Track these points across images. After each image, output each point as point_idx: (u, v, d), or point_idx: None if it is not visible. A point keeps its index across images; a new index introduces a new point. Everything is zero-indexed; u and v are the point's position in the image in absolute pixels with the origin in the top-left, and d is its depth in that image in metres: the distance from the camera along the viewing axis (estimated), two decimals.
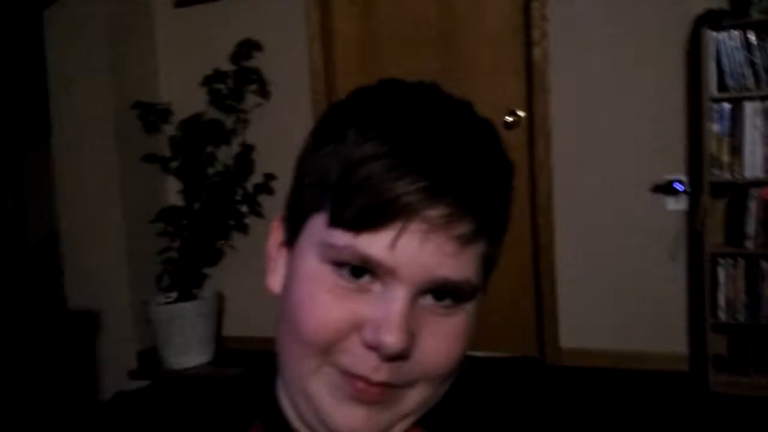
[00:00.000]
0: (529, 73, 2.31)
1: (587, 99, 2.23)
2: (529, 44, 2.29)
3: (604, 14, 2.20)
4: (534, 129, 2.29)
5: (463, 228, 0.44)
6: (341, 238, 0.44)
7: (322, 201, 0.45)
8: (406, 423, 0.48)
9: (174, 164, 2.67)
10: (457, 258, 0.44)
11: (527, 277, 2.39)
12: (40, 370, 2.58)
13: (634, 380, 2.24)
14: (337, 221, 0.44)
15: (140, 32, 2.74)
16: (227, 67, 2.60)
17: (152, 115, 2.67)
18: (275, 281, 0.51)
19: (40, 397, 2.43)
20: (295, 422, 0.51)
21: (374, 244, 0.43)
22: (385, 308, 0.43)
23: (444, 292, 0.45)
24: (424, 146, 0.43)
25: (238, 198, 2.67)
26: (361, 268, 0.44)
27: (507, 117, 2.34)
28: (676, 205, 2.21)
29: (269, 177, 2.62)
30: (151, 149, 2.64)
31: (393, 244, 0.43)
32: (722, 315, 2.13)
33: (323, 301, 0.45)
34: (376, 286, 0.44)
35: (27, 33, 2.81)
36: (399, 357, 0.44)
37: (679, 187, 2.20)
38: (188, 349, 2.53)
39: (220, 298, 2.74)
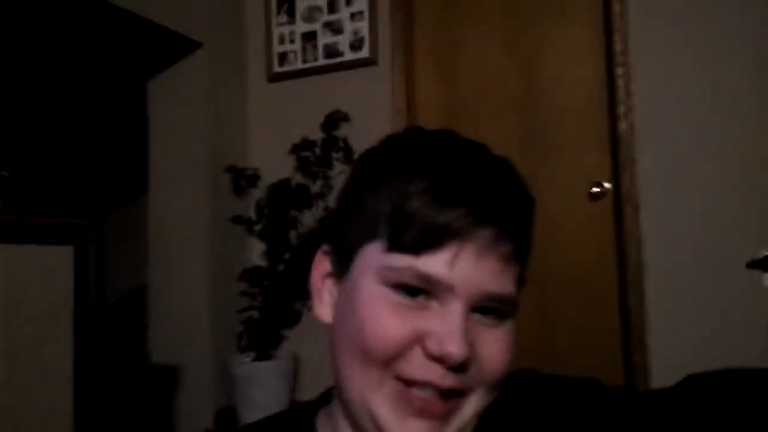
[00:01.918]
0: (614, 145, 2.33)
1: (676, 171, 2.23)
2: (613, 118, 2.33)
3: (693, 83, 2.23)
4: (621, 201, 2.29)
5: (506, 248, 0.50)
6: (401, 260, 0.49)
7: (376, 231, 0.51)
8: None
9: (258, 227, 2.77)
10: (501, 275, 0.50)
11: (617, 357, 2.31)
12: (120, 423, 2.62)
13: None
14: (396, 246, 0.49)
15: (235, 103, 2.92)
16: (315, 136, 2.73)
17: (242, 179, 2.80)
18: (323, 310, 0.57)
19: None
20: None
21: (433, 264, 0.48)
22: (447, 322, 0.48)
23: (489, 308, 0.50)
24: (463, 180, 0.50)
25: None
26: (416, 288, 0.49)
27: (593, 188, 2.36)
28: None
29: None
30: (238, 211, 2.76)
31: (452, 263, 0.48)
32: None
33: (386, 318, 0.49)
34: (433, 303, 0.49)
35: (131, 101, 3.04)
36: (462, 365, 0.48)
37: None
38: (265, 409, 2.52)
39: (296, 360, 2.75)
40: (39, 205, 1.42)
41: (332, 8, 2.77)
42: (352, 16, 2.73)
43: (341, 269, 0.55)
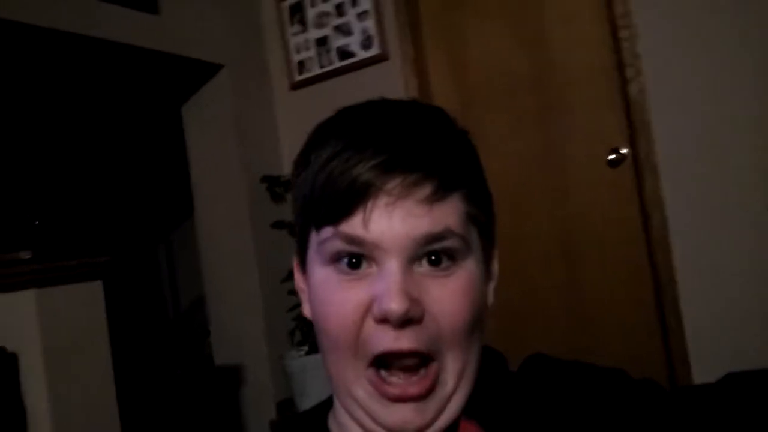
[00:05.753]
0: (627, 110, 2.31)
1: (692, 132, 2.19)
2: (624, 82, 2.31)
3: (702, 40, 2.17)
4: (639, 166, 2.27)
5: (424, 190, 0.48)
6: (327, 232, 0.50)
7: (308, 217, 0.52)
8: (453, 407, 0.51)
9: None
10: (429, 216, 0.48)
11: (651, 315, 2.32)
12: (192, 422, 2.87)
13: None
14: (319, 222, 0.51)
15: (263, 115, 3.08)
16: None
17: (277, 186, 2.97)
18: (307, 308, 0.57)
19: None
20: None
21: (352, 226, 0.48)
22: (383, 281, 0.47)
23: (437, 254, 0.49)
24: (370, 136, 0.49)
25: None
26: (354, 257, 0.49)
27: (610, 155, 2.35)
28: None
29: None
30: (278, 216, 2.92)
31: (366, 221, 0.48)
32: None
33: (336, 296, 0.50)
34: (373, 269, 0.49)
35: (169, 127, 3.27)
36: (409, 321, 0.47)
37: None
38: (319, 398, 2.69)
39: None
40: (68, 247, 1.61)
41: (340, 11, 2.86)
42: (359, 15, 2.81)
43: (302, 265, 0.56)
